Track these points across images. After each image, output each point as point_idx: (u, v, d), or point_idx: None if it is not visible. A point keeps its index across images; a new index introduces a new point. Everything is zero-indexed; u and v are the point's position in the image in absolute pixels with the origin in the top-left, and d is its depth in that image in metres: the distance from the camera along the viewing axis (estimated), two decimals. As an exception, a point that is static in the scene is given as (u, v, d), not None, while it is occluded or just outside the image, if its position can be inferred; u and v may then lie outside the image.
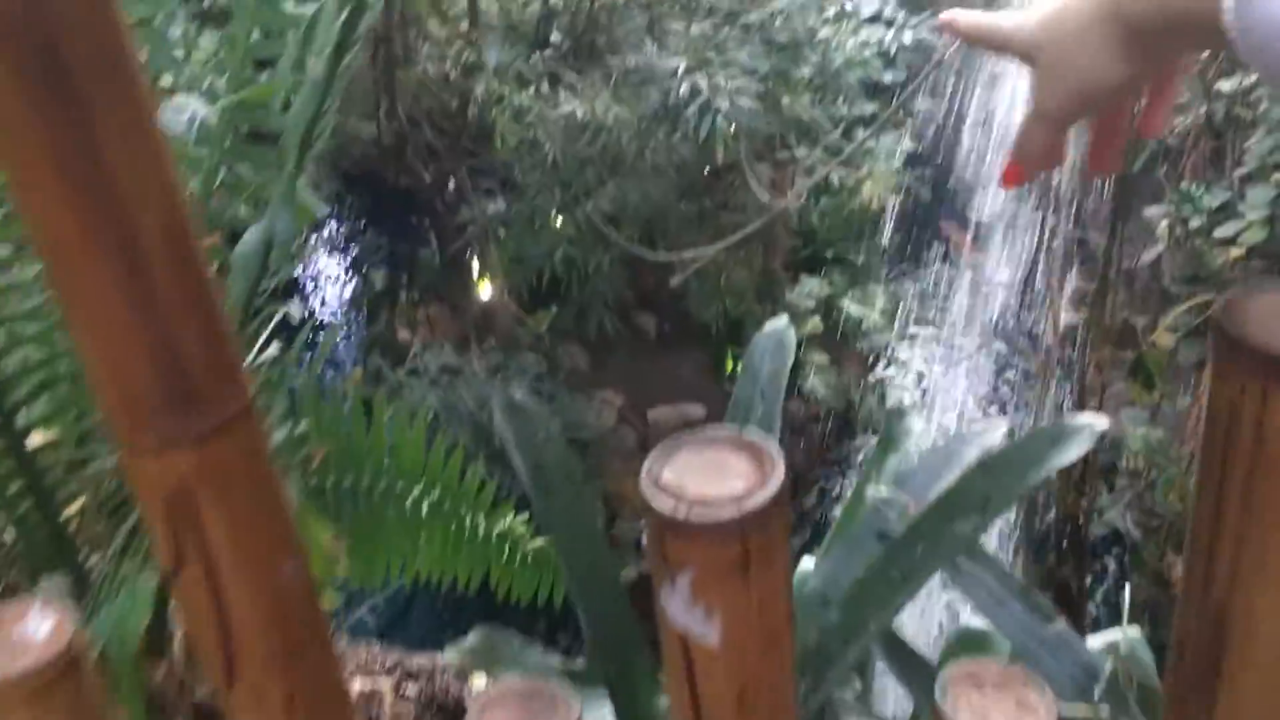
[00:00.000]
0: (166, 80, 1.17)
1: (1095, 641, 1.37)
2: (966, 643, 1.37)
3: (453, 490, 1.58)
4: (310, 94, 0.72)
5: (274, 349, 1.44)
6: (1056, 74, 0.69)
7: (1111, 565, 6.22)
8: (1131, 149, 5.48)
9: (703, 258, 4.84)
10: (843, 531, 1.51)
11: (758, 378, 1.38)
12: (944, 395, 6.68)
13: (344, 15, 0.72)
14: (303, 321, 7.42)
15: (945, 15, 0.78)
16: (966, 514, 1.10)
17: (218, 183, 1.12)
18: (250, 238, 0.87)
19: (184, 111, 1.10)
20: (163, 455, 0.56)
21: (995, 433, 1.40)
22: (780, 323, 1.41)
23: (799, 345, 6.50)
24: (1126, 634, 1.32)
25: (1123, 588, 6.13)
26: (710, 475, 0.65)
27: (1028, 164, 0.77)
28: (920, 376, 6.77)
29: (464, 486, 1.60)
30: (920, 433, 1.64)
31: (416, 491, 1.57)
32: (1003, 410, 7.16)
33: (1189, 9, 0.59)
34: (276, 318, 1.36)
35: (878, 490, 1.26)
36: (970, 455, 1.44)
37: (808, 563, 1.61)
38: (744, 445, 0.67)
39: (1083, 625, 5.87)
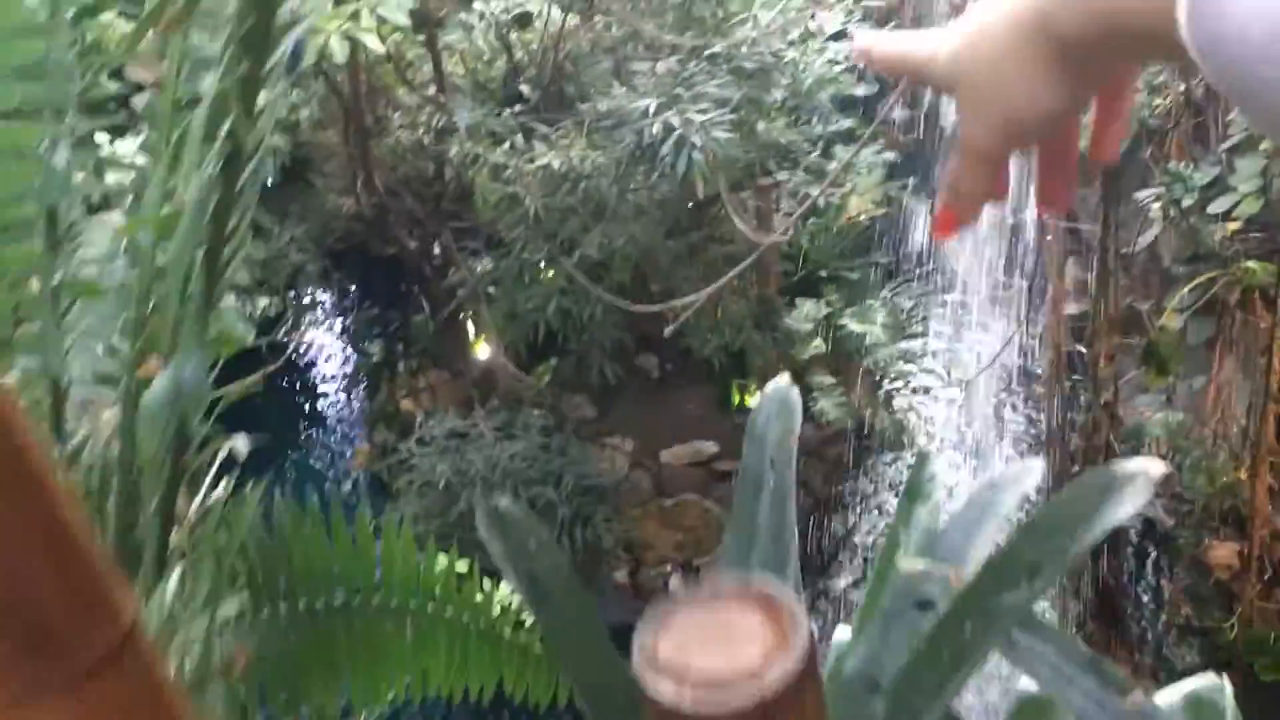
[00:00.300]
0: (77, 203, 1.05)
1: (1174, 694, 1.23)
2: (1029, 712, 1.24)
3: (451, 599, 1.45)
4: (189, 224, 0.60)
5: (223, 486, 1.32)
6: (981, 104, 0.61)
7: (1151, 555, 6.06)
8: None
9: (693, 304, 4.72)
10: (877, 599, 1.37)
11: (764, 446, 1.24)
12: (956, 404, 6.55)
13: (225, 130, 0.61)
14: (271, 448, 7.32)
15: (859, 43, 0.69)
16: (1015, 583, 0.97)
17: (150, 307, 1.00)
18: (157, 387, 0.75)
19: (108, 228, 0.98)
20: (20, 710, 0.44)
21: (1030, 476, 1.26)
22: (781, 382, 1.28)
23: (802, 368, 6.34)
24: (1205, 685, 1.19)
25: (1162, 578, 5.97)
26: (717, 642, 0.52)
27: (963, 207, 0.67)
28: (927, 390, 6.64)
29: (463, 592, 1.47)
30: (945, 476, 1.49)
31: (413, 604, 1.45)
32: (1014, 406, 7.02)
33: (1132, 19, 0.50)
34: (223, 450, 1.24)
35: (912, 563, 1.12)
36: (1007, 503, 1.30)
37: (843, 633, 1.46)
38: (754, 598, 0.54)
39: (1126, 624, 5.71)
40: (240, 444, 1.41)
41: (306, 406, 7.96)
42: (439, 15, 7.21)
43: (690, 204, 6.62)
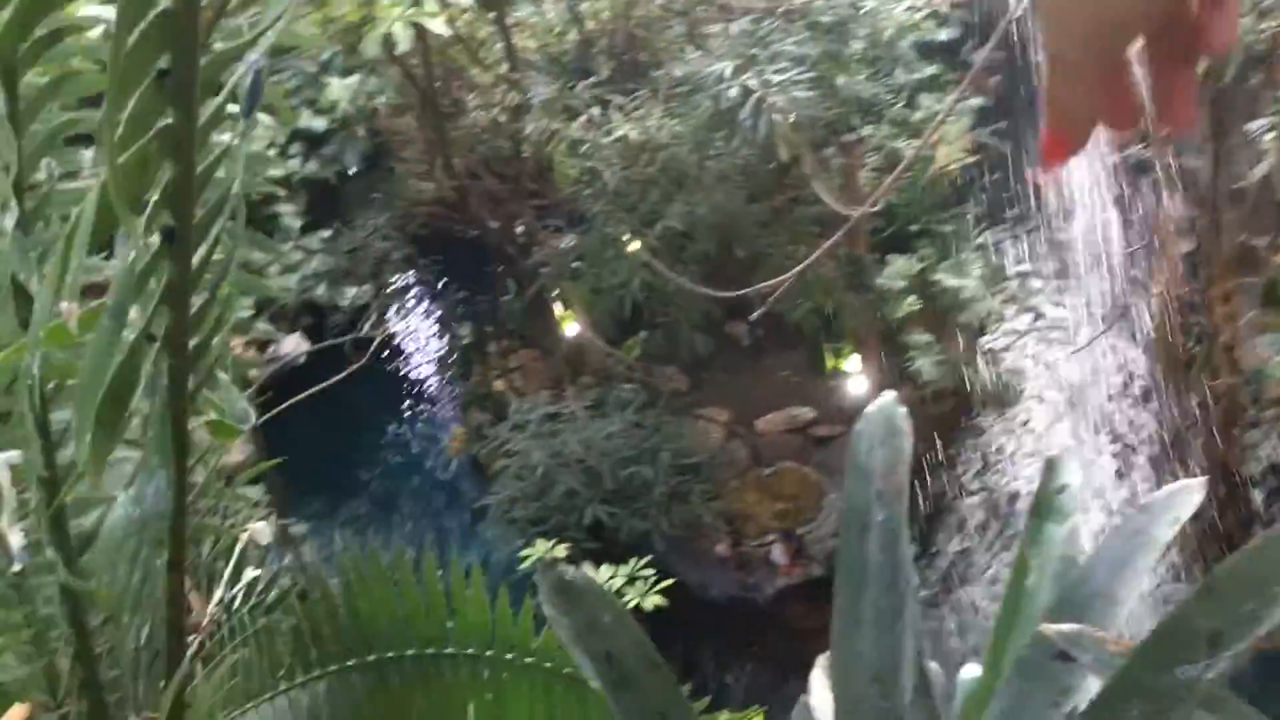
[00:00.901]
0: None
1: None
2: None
3: (529, 644, 1.31)
4: (107, 328, 0.46)
5: (249, 573, 1.19)
6: (1059, 17, 0.53)
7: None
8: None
9: (780, 286, 4.50)
10: (1008, 637, 1.18)
11: (869, 476, 1.07)
12: (1059, 354, 6.23)
13: (153, 200, 0.46)
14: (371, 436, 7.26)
15: None
16: (1191, 655, 0.78)
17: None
18: (119, 513, 0.62)
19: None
20: None
21: (1187, 500, 1.06)
22: (886, 399, 1.10)
23: (894, 326, 6.09)
24: None
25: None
26: None
27: (1068, 130, 0.57)
28: (1029, 343, 6.33)
29: (543, 637, 1.33)
30: (1080, 484, 1.30)
31: (490, 653, 1.31)
32: (1120, 353, 6.65)
33: None
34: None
35: (1057, 628, 0.94)
36: (1162, 535, 1.10)
37: (971, 671, 1.28)
38: None
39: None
40: (263, 532, 1.28)
41: (401, 392, 7.95)
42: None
43: (773, 166, 6.37)
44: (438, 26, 3.91)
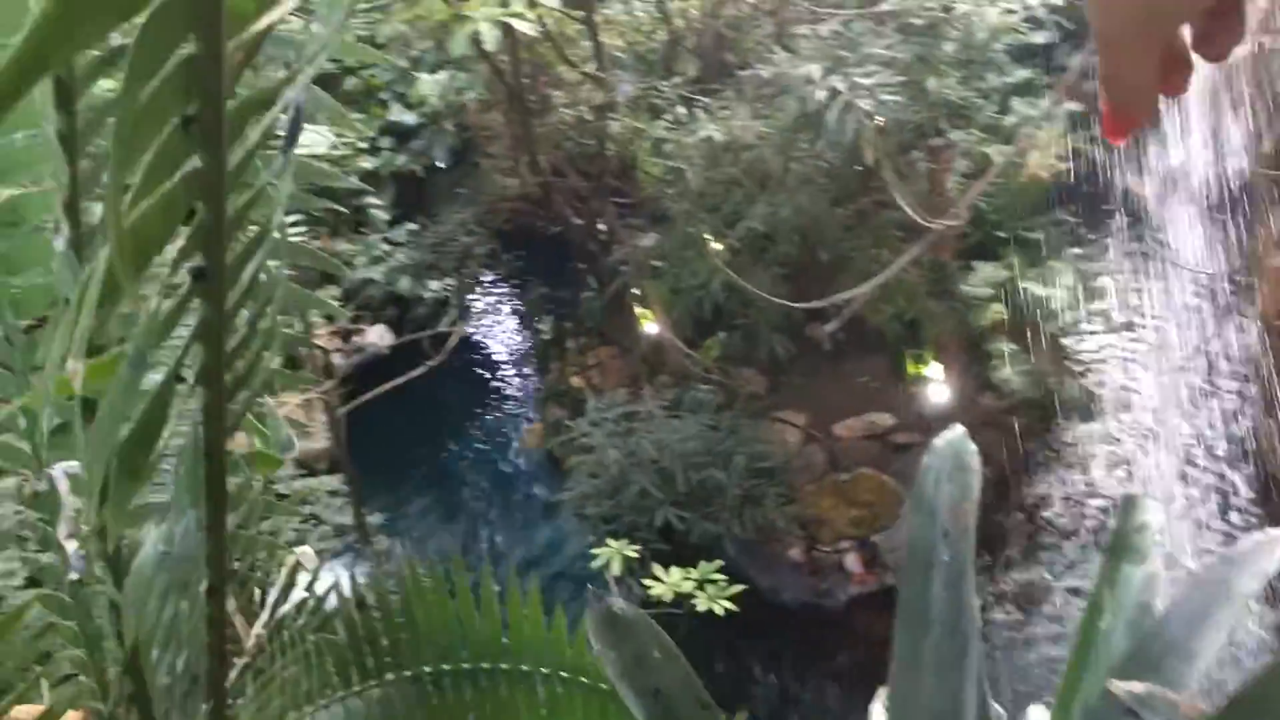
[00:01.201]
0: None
1: None
2: None
3: (582, 666, 1.29)
4: (120, 391, 0.45)
5: (297, 593, 1.19)
6: (1116, 14, 0.53)
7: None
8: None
9: (857, 298, 4.42)
10: (1078, 685, 1.13)
11: (935, 512, 1.02)
12: (1151, 369, 6.02)
13: (179, 249, 0.44)
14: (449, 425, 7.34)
15: None
16: (1274, 727, 0.73)
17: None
18: (146, 554, 0.61)
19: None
20: None
21: (1275, 553, 1.00)
22: (954, 433, 1.05)
23: (978, 334, 5.94)
24: None
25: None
26: None
27: (1126, 106, 0.58)
28: (1121, 354, 6.13)
29: (596, 658, 1.31)
30: (1161, 526, 1.24)
31: (546, 669, 1.30)
32: (1218, 367, 6.41)
33: None
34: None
35: (1127, 685, 0.89)
36: (1245, 588, 1.04)
37: (1038, 715, 1.23)
38: None
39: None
40: (308, 555, 1.28)
41: (480, 385, 8.02)
42: (597, -11, 7.07)
43: (858, 169, 6.28)
44: (525, 26, 3.91)
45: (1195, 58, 0.56)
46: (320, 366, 6.09)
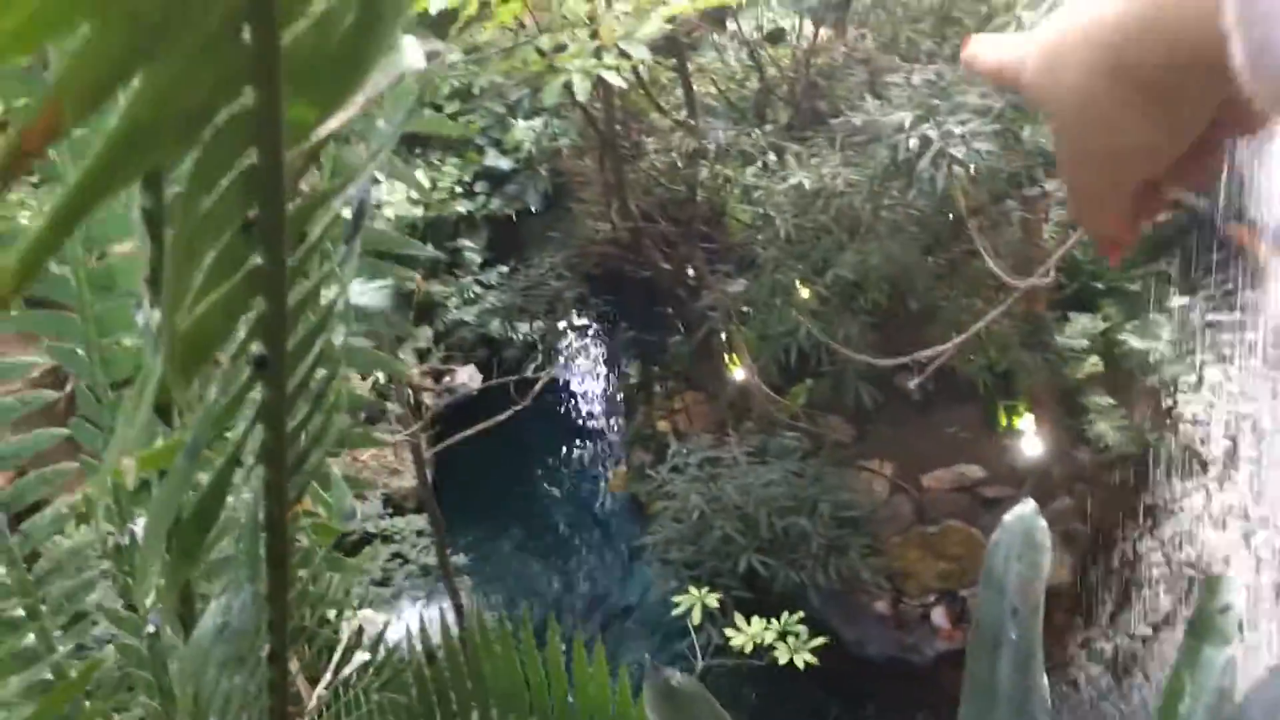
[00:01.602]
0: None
1: None
2: None
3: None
4: (176, 481, 0.47)
5: (359, 657, 1.21)
6: (1072, 140, 0.55)
7: None
8: None
9: (941, 356, 4.35)
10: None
11: (1004, 589, 1.01)
12: (1257, 428, 5.81)
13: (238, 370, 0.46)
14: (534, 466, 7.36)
15: (968, 49, 0.63)
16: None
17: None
18: (205, 626, 0.64)
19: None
20: None
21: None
22: (1025, 509, 1.04)
23: (1073, 387, 5.80)
24: None
25: None
26: None
27: (1110, 240, 0.61)
28: (1224, 412, 5.93)
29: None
30: (1242, 606, 1.19)
31: (610, 731, 1.30)
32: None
33: (1197, 47, 0.44)
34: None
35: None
36: (1329, 681, 1.00)
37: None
38: None
39: None
40: (372, 620, 1.30)
41: (567, 427, 8.08)
42: (691, 37, 7.16)
43: (950, 218, 6.21)
44: (615, 79, 3.97)
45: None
46: (411, 406, 6.20)
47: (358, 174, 0.53)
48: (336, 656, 1.17)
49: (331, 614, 1.18)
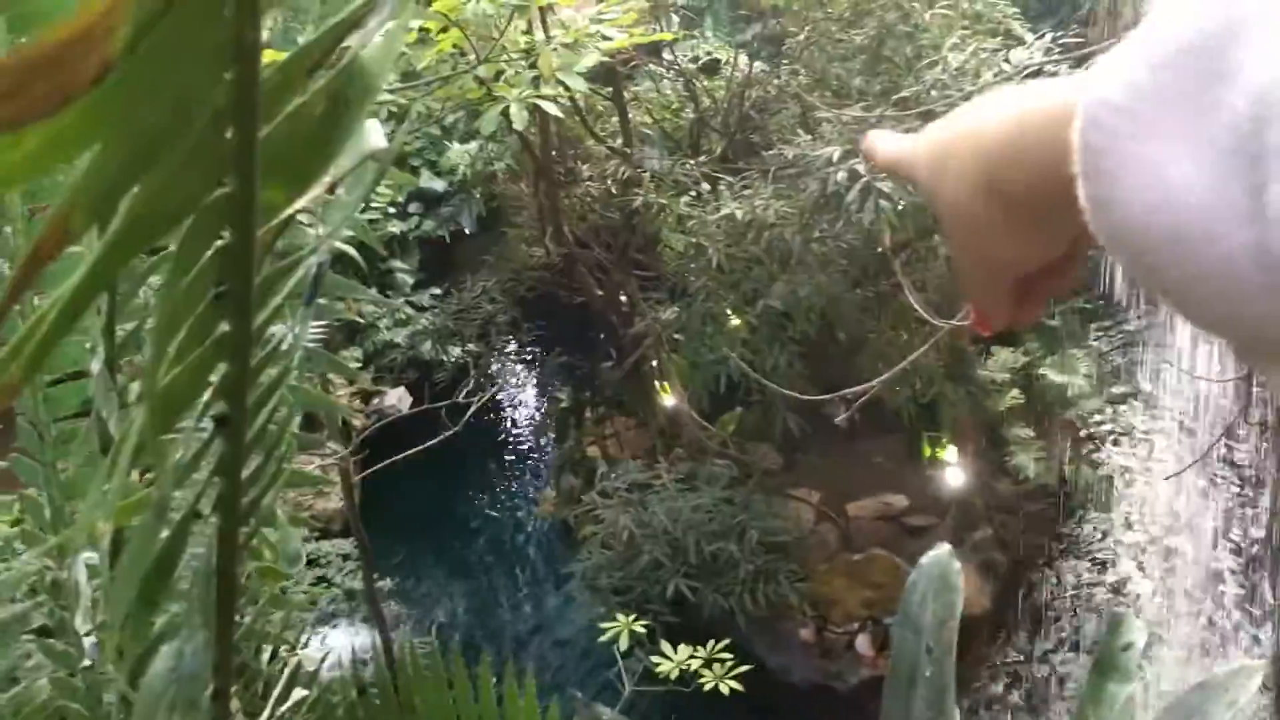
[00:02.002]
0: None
1: None
2: None
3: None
4: (145, 536, 0.49)
5: (298, 693, 1.23)
6: (956, 238, 0.58)
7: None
8: None
9: (867, 393, 4.45)
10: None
11: (920, 628, 1.06)
12: (1166, 463, 6.01)
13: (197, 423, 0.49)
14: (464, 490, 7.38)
15: (866, 142, 0.66)
16: None
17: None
18: (157, 670, 0.66)
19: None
20: None
21: (1248, 684, 1.03)
22: (940, 552, 1.10)
23: (996, 421, 5.94)
24: None
25: None
26: None
27: (988, 317, 0.64)
28: (1136, 443, 6.13)
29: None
30: (1144, 645, 1.27)
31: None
32: (1232, 464, 6.39)
33: (1057, 180, 0.45)
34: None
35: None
36: (1218, 715, 1.07)
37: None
38: None
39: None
40: (310, 658, 1.32)
41: (498, 452, 8.07)
42: (628, 66, 7.23)
43: (878, 251, 6.35)
44: (553, 109, 4.01)
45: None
46: (338, 428, 6.14)
47: (321, 244, 0.57)
48: (275, 693, 1.18)
49: (270, 650, 1.19)
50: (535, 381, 8.62)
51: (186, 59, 0.36)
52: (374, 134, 0.56)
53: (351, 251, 1.13)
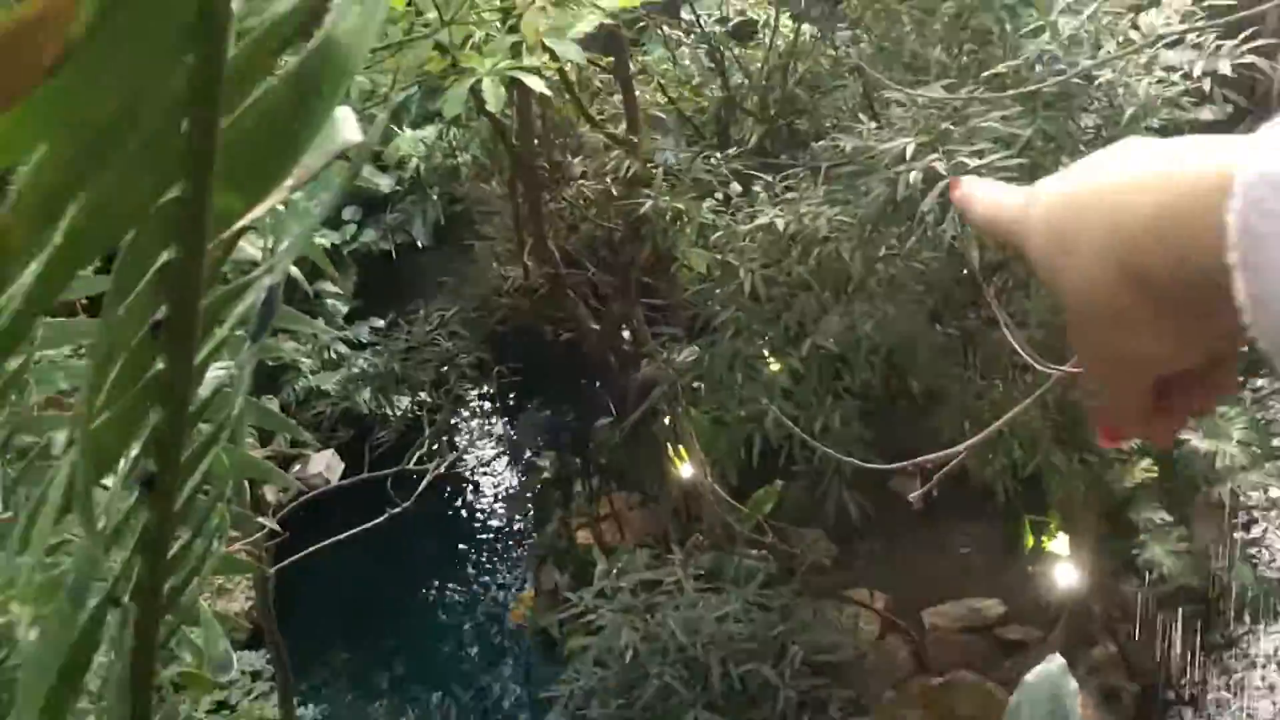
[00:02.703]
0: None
1: None
2: None
3: None
4: (56, 631, 0.52)
5: None
6: (1077, 326, 0.63)
7: None
8: None
9: (953, 459, 4.47)
10: None
11: (1026, 768, 1.09)
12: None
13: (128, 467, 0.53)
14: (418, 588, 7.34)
15: (963, 185, 0.71)
16: None
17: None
18: None
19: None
20: None
21: None
22: (1051, 668, 1.13)
23: (1121, 501, 5.97)
24: None
25: None
26: None
27: (1117, 426, 0.69)
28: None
29: None
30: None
31: None
32: None
33: (1204, 270, 0.49)
34: None
35: None
36: None
37: None
38: None
39: None
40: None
41: (457, 536, 8.09)
42: (635, 31, 7.29)
43: (965, 274, 6.40)
44: (538, 84, 4.07)
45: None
46: (246, 503, 6.17)
47: (277, 262, 0.61)
48: None
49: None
50: (509, 444, 8.65)
51: (148, 38, 0.40)
52: (347, 125, 0.60)
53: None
